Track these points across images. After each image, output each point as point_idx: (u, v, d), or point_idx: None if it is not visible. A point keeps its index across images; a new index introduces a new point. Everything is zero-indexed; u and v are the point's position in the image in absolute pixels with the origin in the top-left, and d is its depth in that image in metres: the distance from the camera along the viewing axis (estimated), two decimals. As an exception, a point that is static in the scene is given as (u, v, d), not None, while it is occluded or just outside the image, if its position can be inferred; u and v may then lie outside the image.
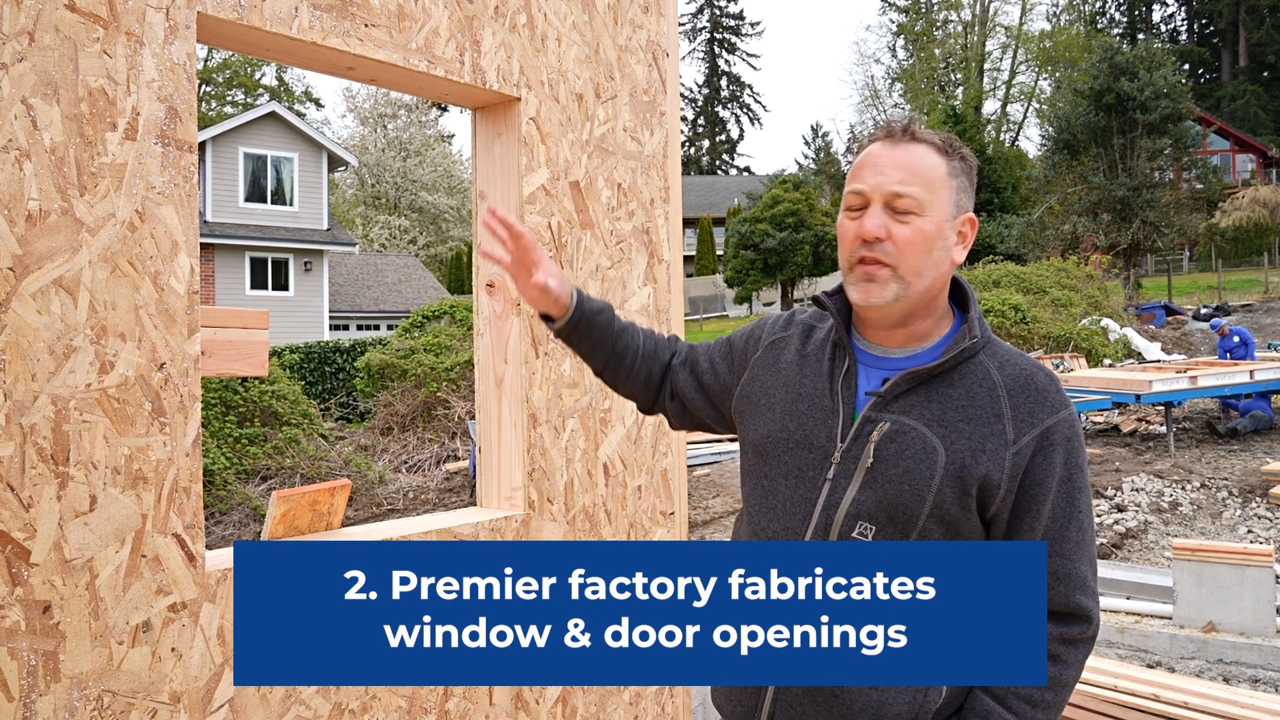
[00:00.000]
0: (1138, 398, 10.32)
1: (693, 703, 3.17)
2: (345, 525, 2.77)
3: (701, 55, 63.93)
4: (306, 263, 25.60)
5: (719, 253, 42.16)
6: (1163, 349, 18.17)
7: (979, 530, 1.39)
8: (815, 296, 1.56)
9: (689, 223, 43.55)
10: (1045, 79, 49.90)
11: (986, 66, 51.75)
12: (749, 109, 64.86)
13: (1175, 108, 27.70)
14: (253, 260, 24.82)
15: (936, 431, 1.38)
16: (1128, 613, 6.01)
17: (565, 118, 2.55)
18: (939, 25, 54.40)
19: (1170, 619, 5.81)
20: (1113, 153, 28.05)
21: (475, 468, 3.09)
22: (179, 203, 1.73)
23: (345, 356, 18.57)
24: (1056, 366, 14.36)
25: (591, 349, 1.69)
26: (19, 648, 1.51)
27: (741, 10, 70.97)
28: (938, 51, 53.85)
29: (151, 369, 1.68)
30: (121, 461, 1.64)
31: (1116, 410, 12.20)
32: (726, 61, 64.21)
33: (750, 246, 32.56)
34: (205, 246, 23.05)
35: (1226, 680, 5.12)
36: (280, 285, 25.28)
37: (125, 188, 1.66)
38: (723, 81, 64.32)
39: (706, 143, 64.42)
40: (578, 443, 2.57)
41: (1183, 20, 54.99)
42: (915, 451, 1.37)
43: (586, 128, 2.62)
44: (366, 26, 2.06)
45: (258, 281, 24.87)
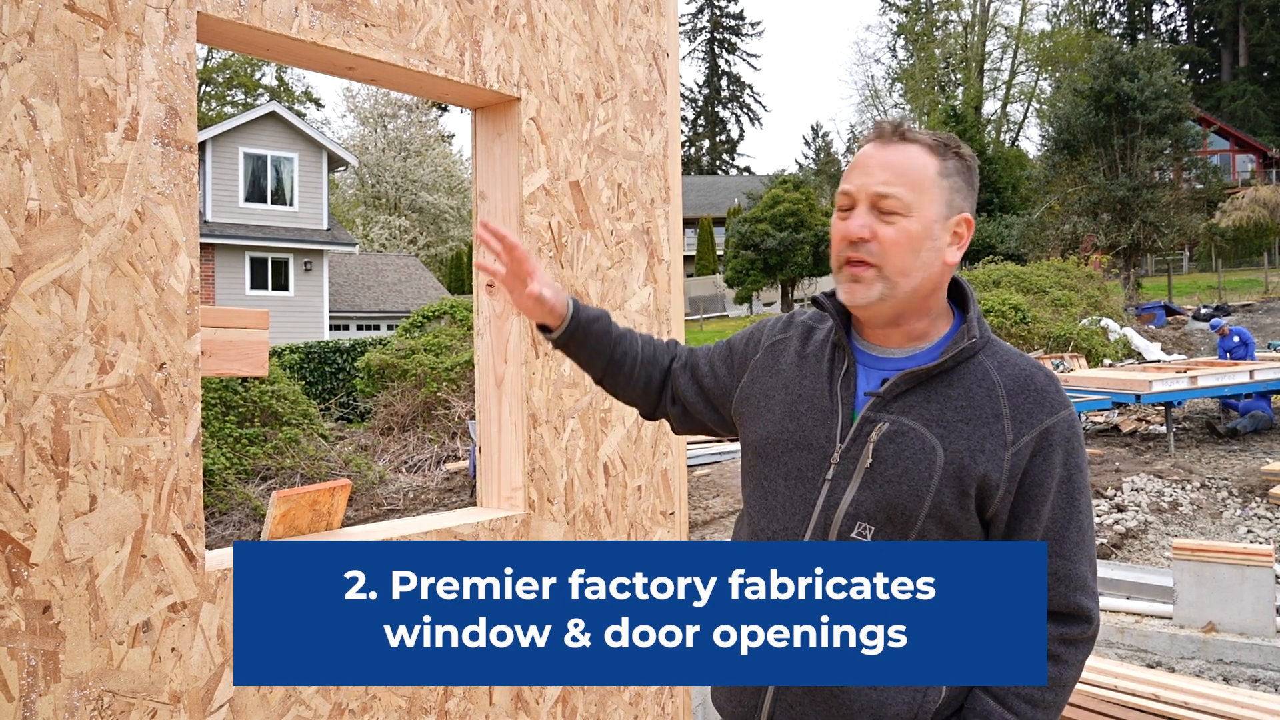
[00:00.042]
0: (1138, 398, 10.32)
1: (693, 703, 3.17)
2: (345, 525, 2.77)
3: (702, 55, 63.94)
4: (306, 263, 25.60)
5: (719, 253, 42.15)
6: (1163, 349, 18.17)
7: (978, 530, 1.40)
8: (814, 297, 1.56)
9: (689, 223, 43.53)
10: (1045, 79, 49.94)
11: (986, 66, 51.78)
12: (749, 109, 64.88)
13: (1175, 108, 27.70)
14: (253, 260, 24.82)
15: (935, 432, 1.38)
16: (1128, 613, 6.01)
17: (565, 118, 2.55)
18: (939, 25, 54.41)
19: (1170, 619, 5.81)
20: (1113, 153, 28.05)
21: (475, 468, 3.09)
22: (179, 203, 1.73)
23: (345, 356, 18.57)
24: (1056, 366, 14.36)
25: (590, 357, 1.69)
26: (19, 648, 1.51)
27: (741, 10, 71.05)
28: (938, 51, 53.86)
29: (151, 369, 1.68)
30: (121, 461, 1.64)
31: (1116, 410, 12.20)
32: (727, 61, 64.23)
33: (750, 246, 32.56)
34: (205, 246, 23.05)
35: (1226, 680, 5.12)
36: (280, 285, 25.27)
37: (125, 188, 1.66)
38: (723, 81, 64.32)
39: (706, 143, 64.41)
40: (578, 443, 2.57)
41: (1183, 20, 55.03)
42: (914, 452, 1.37)
43: (587, 128, 2.62)
44: (366, 26, 2.06)
45: (258, 281, 24.87)
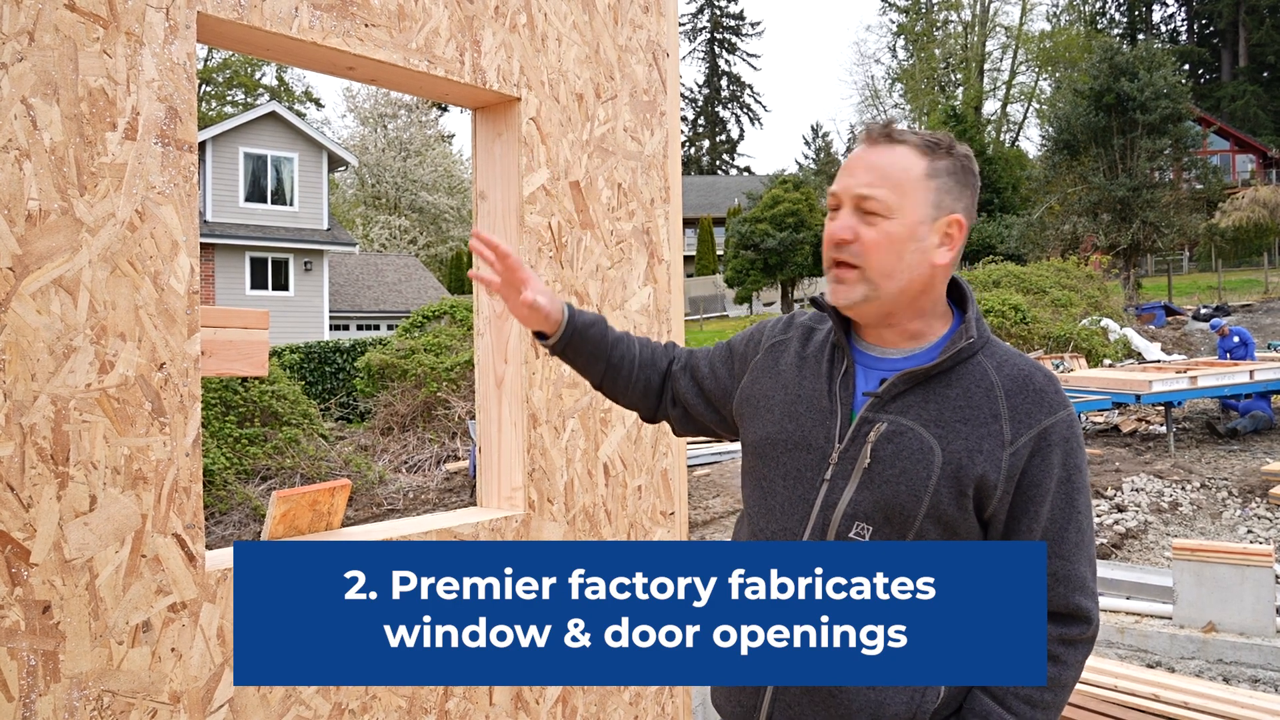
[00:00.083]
0: (1138, 398, 10.32)
1: (693, 703, 3.17)
2: (345, 525, 2.77)
3: (701, 55, 63.93)
4: (306, 263, 25.60)
5: (719, 253, 42.15)
6: (1163, 349, 18.17)
7: (976, 530, 1.40)
8: (813, 298, 1.56)
9: (689, 223, 43.53)
10: (1045, 79, 49.94)
11: (986, 67, 51.78)
12: (749, 109, 64.86)
13: (1175, 108, 27.70)
14: (253, 260, 24.82)
15: (933, 432, 1.38)
16: (1128, 613, 6.01)
17: (565, 118, 2.55)
18: (939, 25, 54.41)
19: (1170, 619, 5.81)
20: (1113, 153, 28.05)
21: (475, 468, 3.09)
22: (179, 203, 1.73)
23: (345, 356, 18.57)
24: (1056, 367, 14.36)
25: (587, 362, 1.69)
26: (19, 648, 1.51)
27: (741, 10, 71.02)
28: (938, 52, 53.86)
29: (151, 369, 1.68)
30: (121, 461, 1.64)
31: (1116, 410, 12.20)
32: (727, 61, 64.22)
33: (750, 246, 32.57)
34: (205, 246, 23.04)
35: (1226, 680, 5.12)
36: (280, 285, 25.27)
37: (125, 188, 1.66)
38: (723, 81, 64.31)
39: (706, 143, 64.41)
40: (578, 443, 2.57)
41: (1183, 20, 55.02)
42: (912, 452, 1.37)
43: (587, 128, 2.62)
44: (366, 26, 2.06)
45: (258, 281, 24.87)
